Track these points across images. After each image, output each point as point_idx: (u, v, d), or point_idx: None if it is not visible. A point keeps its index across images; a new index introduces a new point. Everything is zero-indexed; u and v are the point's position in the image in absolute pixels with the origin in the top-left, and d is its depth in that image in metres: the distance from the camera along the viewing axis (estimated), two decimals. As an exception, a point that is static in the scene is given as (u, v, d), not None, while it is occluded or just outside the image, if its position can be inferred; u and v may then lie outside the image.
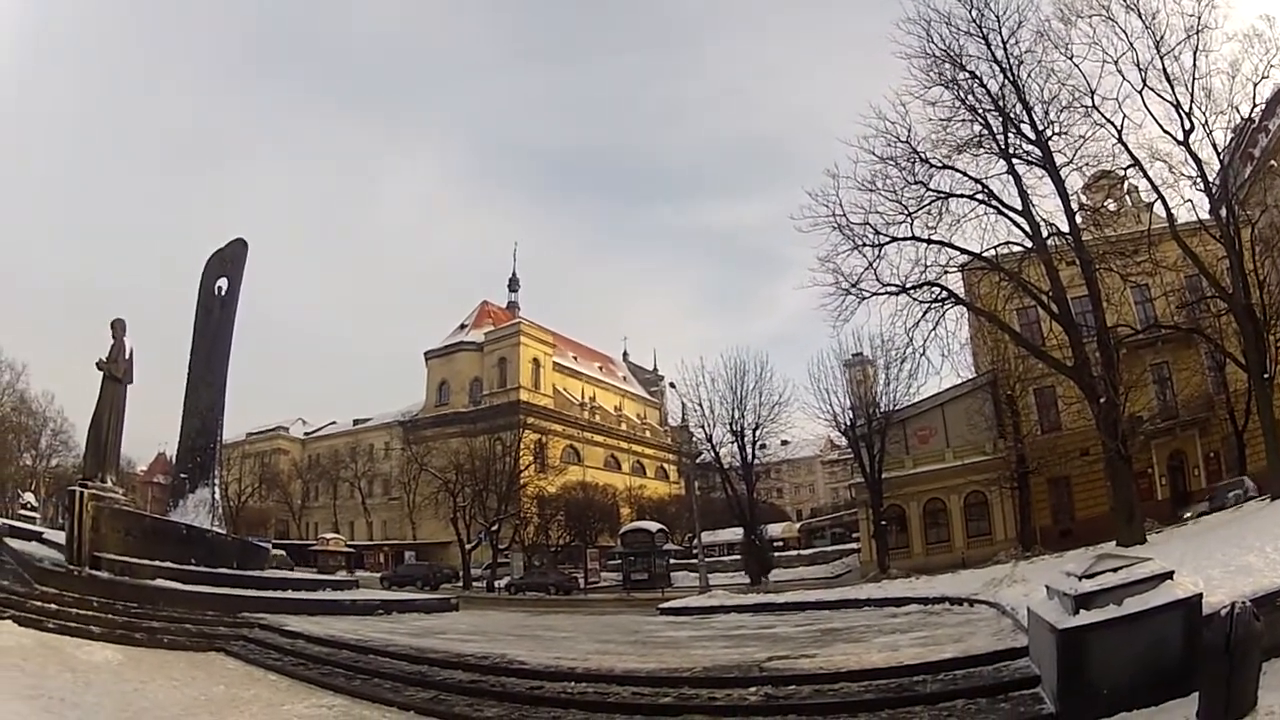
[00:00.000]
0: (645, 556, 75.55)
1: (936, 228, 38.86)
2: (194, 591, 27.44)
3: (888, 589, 34.19)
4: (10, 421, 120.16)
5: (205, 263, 40.92)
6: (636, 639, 23.00)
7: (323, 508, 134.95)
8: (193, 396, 39.19)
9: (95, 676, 16.55)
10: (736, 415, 70.48)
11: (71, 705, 13.54)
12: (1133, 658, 9.82)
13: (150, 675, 17.41)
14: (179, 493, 38.29)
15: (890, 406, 62.61)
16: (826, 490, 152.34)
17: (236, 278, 39.92)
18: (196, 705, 15.06)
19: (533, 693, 15.02)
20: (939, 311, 38.83)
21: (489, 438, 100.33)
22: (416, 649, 19.73)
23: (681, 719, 12.55)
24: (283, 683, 18.29)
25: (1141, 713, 9.39)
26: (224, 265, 40.29)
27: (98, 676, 16.60)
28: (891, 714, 11.52)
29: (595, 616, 39.49)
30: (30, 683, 14.68)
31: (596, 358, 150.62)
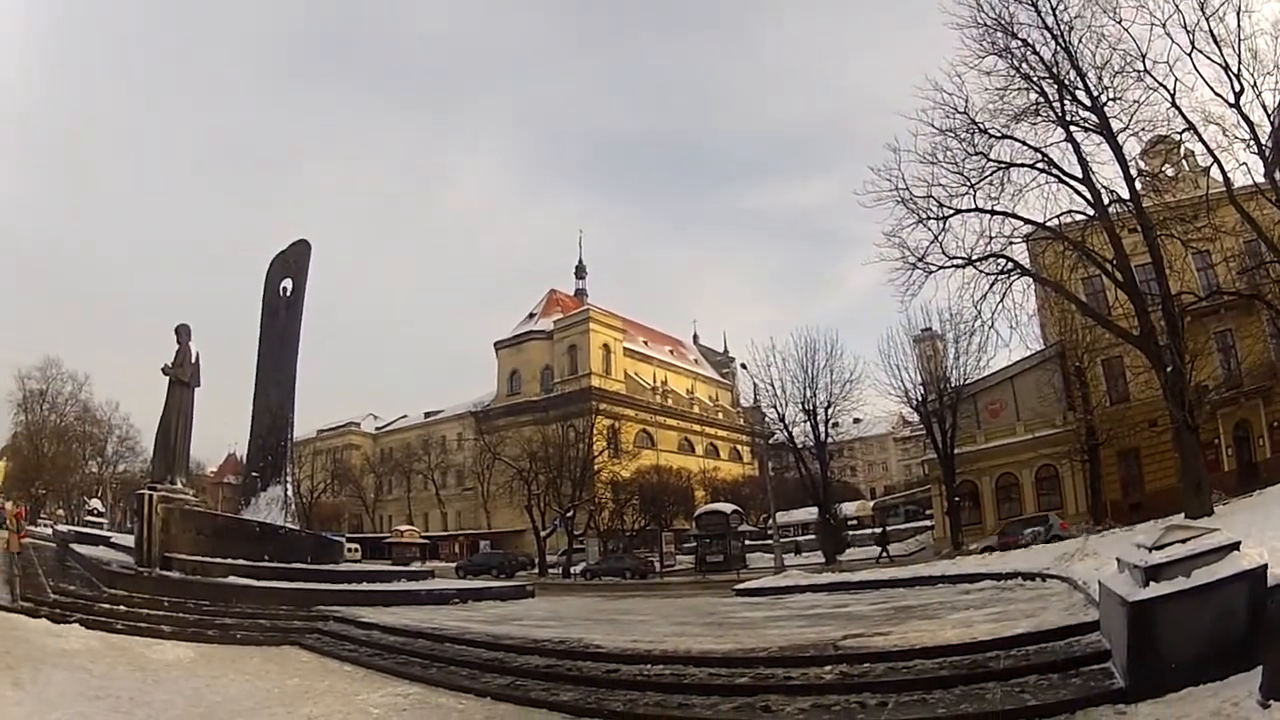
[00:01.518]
0: (720, 538, 74.67)
1: (999, 198, 38.36)
2: (267, 587, 27.58)
3: (961, 565, 33.62)
4: (74, 431, 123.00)
5: (269, 265, 41.32)
6: (712, 620, 22.79)
7: (396, 500, 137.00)
8: (262, 396, 39.61)
9: (165, 674, 16.57)
10: (808, 394, 69.62)
11: (140, 704, 13.51)
12: (1200, 631, 9.48)
13: (222, 671, 17.40)
14: (250, 491, 38.62)
15: (961, 381, 61.70)
16: (899, 467, 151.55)
17: (301, 278, 40.19)
18: (270, 698, 14.99)
19: (609, 676, 14.91)
20: (1005, 283, 38.33)
21: (561, 425, 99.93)
22: (492, 636, 19.68)
23: (757, 699, 12.28)
24: (358, 673, 18.28)
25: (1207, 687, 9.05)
26: (287, 266, 40.62)
27: (168, 674, 16.61)
28: (965, 690, 11.31)
29: (671, 599, 39.27)
30: (97, 684, 14.63)
31: (667, 341, 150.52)
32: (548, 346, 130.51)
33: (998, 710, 10.46)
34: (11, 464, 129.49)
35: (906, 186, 39.11)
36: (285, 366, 39.36)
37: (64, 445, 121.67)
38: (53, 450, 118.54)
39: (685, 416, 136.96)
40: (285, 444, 39.01)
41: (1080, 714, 9.82)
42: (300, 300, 40.02)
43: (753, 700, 12.25)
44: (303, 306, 40.04)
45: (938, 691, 11.41)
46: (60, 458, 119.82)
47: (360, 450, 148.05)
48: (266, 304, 40.73)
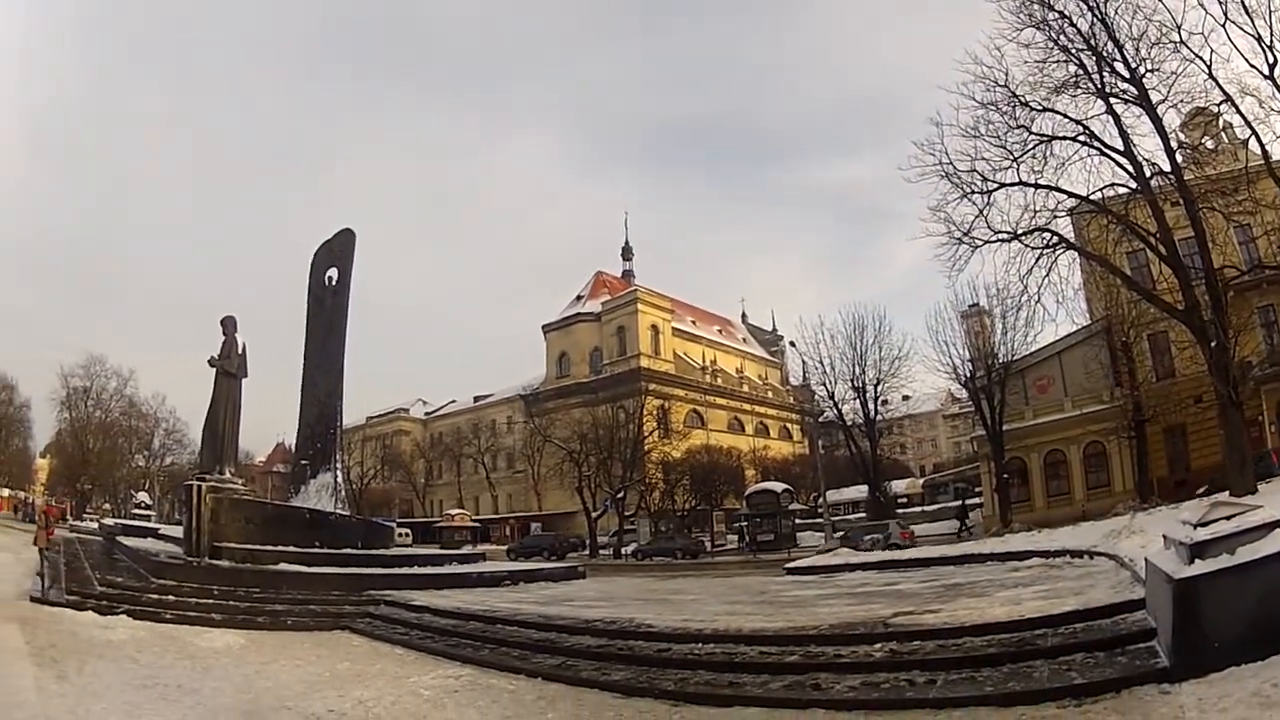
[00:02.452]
0: (771, 517, 74.17)
1: (1043, 172, 38.05)
2: (318, 573, 27.77)
3: (1010, 543, 33.83)
4: (120, 426, 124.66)
5: (314, 254, 41.66)
6: (763, 599, 22.89)
7: (447, 485, 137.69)
8: (310, 385, 39.90)
9: (215, 662, 16.67)
10: (857, 371, 69.45)
11: (189, 692, 13.56)
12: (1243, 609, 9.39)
13: (273, 657, 17.52)
14: (300, 479, 38.92)
15: (1009, 356, 60.60)
16: (949, 444, 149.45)
17: (346, 267, 40.30)
18: (321, 682, 15.06)
19: (660, 655, 14.94)
20: (1051, 257, 38.17)
21: (611, 406, 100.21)
22: (544, 617, 19.74)
23: (807, 677, 12.36)
24: (409, 656, 18.39)
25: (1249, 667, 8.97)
26: (333, 256, 40.85)
27: (218, 662, 16.72)
28: (1013, 668, 11.30)
29: (722, 579, 39.32)
30: (145, 673, 14.73)
31: (715, 321, 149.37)
32: (596, 328, 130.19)
33: (1045, 689, 10.41)
34: (56, 461, 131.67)
35: (950, 161, 38.96)
36: (333, 355, 39.49)
37: (109, 440, 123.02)
38: (98, 446, 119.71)
39: (735, 396, 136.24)
40: (334, 431, 39.20)
41: (1126, 693, 9.81)
42: (346, 289, 40.08)
43: (803, 678, 12.34)
44: (349, 295, 40.08)
45: (986, 670, 11.47)
46: (106, 453, 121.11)
47: (410, 436, 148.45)
48: (313, 293, 41.04)
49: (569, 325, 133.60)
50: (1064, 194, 38.25)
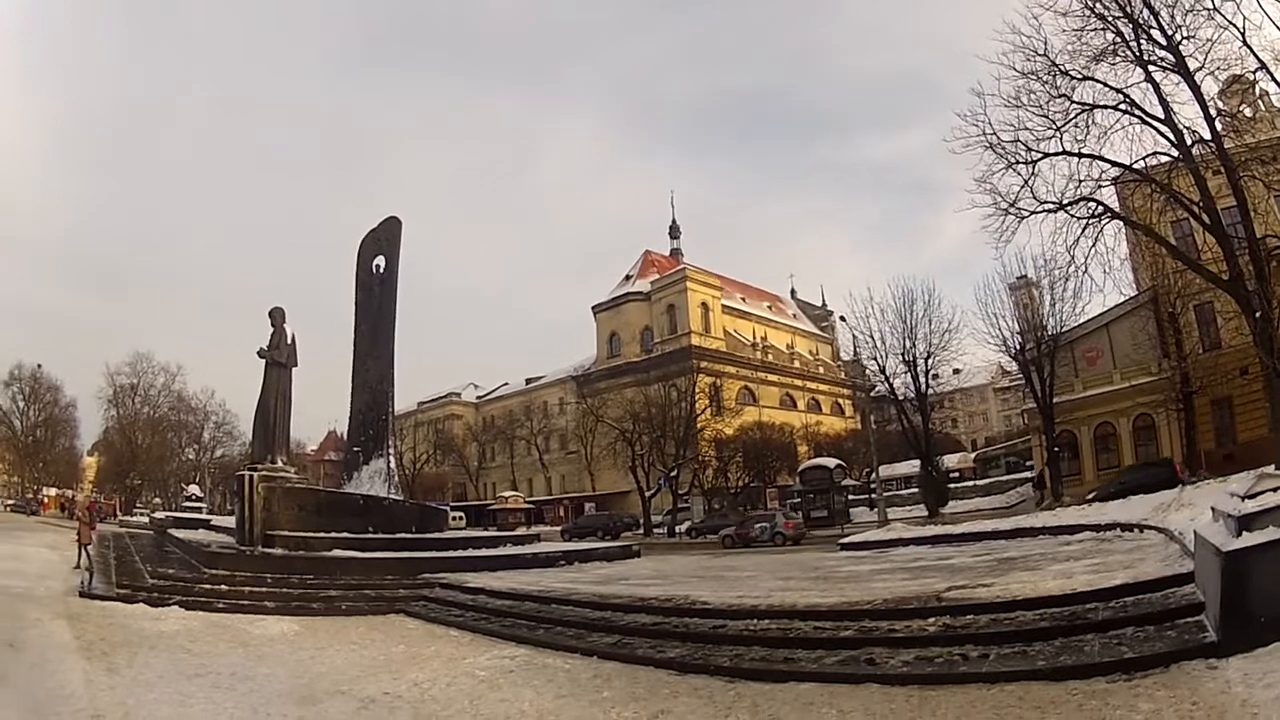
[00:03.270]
0: (824, 493, 74.39)
1: (1085, 141, 37.83)
2: (372, 558, 27.85)
3: (1061, 517, 33.66)
4: (169, 420, 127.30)
5: (360, 243, 41.73)
6: (817, 575, 22.73)
7: (500, 467, 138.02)
8: (361, 372, 40.01)
9: (269, 649, 16.75)
10: (908, 345, 68.78)
11: (242, 679, 13.60)
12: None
13: (327, 642, 17.60)
14: (353, 466, 39.07)
15: (1058, 328, 60.32)
16: (999, 418, 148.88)
17: (393, 254, 40.50)
18: (375, 665, 15.13)
19: (715, 631, 14.95)
20: (1097, 227, 37.96)
21: (663, 385, 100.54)
22: (599, 596, 19.75)
23: (861, 652, 12.34)
24: (464, 638, 18.39)
25: (1294, 642, 8.87)
26: (379, 244, 40.96)
27: (271, 649, 16.79)
28: (1064, 642, 11.33)
29: (776, 555, 39.17)
30: (198, 663, 14.80)
31: (765, 297, 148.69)
32: (646, 307, 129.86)
33: (1095, 663, 10.42)
34: (104, 458, 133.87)
35: (994, 131, 38.84)
36: (383, 342, 39.68)
37: (158, 435, 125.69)
38: (147, 441, 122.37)
39: (786, 372, 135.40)
40: (386, 417, 39.43)
41: (1174, 668, 9.79)
42: (394, 276, 40.30)
43: (857, 653, 12.34)
44: (397, 282, 40.31)
45: (1038, 643, 11.51)
46: (155, 448, 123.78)
47: (462, 420, 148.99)
48: (360, 282, 41.17)
49: (619, 305, 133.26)
50: (1107, 163, 38.00)
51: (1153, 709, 8.55)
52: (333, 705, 12.04)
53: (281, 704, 12.02)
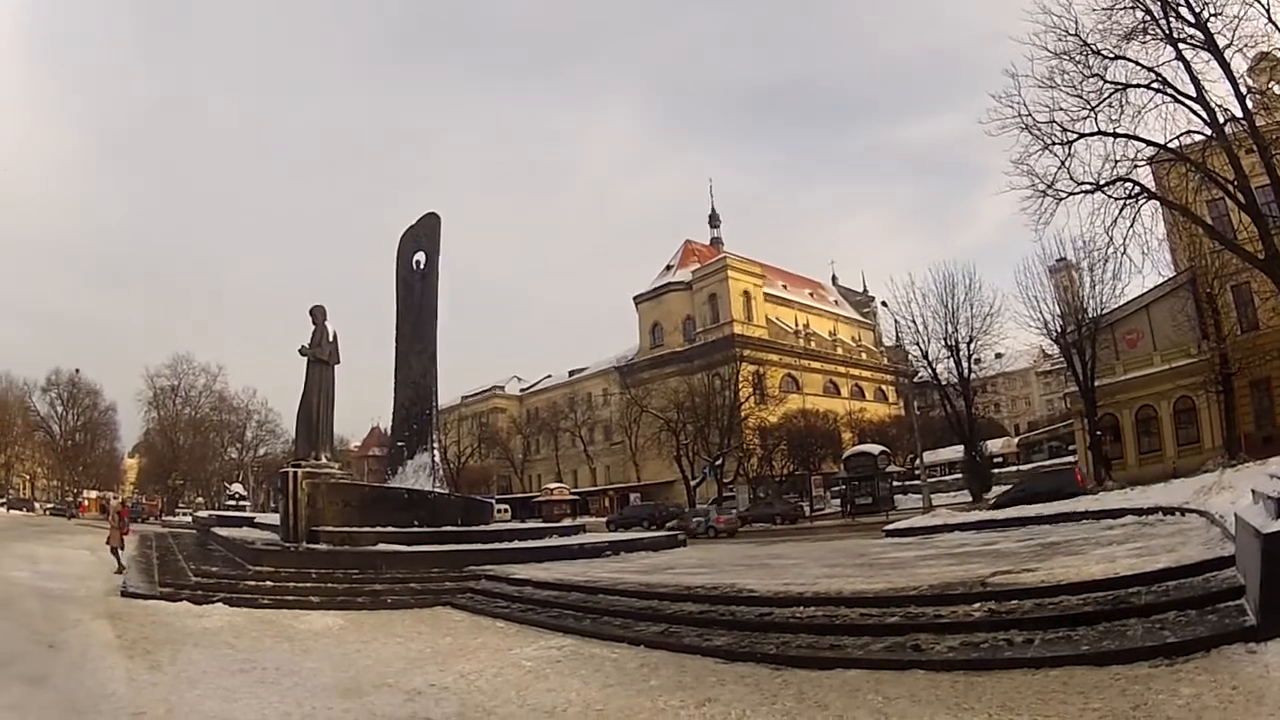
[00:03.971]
0: (868, 480, 73.91)
1: (1120, 120, 38.08)
2: (417, 551, 27.89)
3: (1104, 500, 33.37)
4: (211, 421, 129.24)
5: (399, 240, 41.85)
6: (863, 561, 22.64)
7: (544, 459, 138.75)
8: (403, 368, 40.10)
9: (314, 644, 16.79)
10: (949, 329, 68.64)
11: (287, 673, 13.62)
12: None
13: (373, 635, 17.67)
14: (397, 460, 39.26)
15: (1098, 311, 59.33)
16: (1042, 402, 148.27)
17: (433, 250, 40.59)
18: (422, 658, 15.15)
19: (761, 619, 14.91)
20: (1134, 208, 38.16)
21: (706, 374, 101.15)
22: (645, 585, 19.80)
23: (908, 638, 12.29)
24: (511, 629, 18.45)
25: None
26: (418, 240, 41.06)
27: (317, 643, 16.84)
28: (1108, 627, 11.30)
29: (822, 543, 39.12)
30: (242, 658, 14.82)
31: (806, 284, 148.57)
32: (687, 297, 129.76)
33: (1138, 648, 10.37)
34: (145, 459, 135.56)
35: (1029, 113, 39.10)
36: (425, 337, 39.83)
37: (200, 436, 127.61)
38: (189, 442, 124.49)
39: (829, 359, 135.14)
40: (430, 412, 39.51)
41: (1215, 652, 9.76)
42: (434, 272, 40.42)
43: (903, 639, 12.32)
44: (437, 278, 40.42)
45: (1082, 628, 11.50)
46: (197, 448, 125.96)
47: (506, 413, 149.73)
48: (401, 278, 41.27)
49: (660, 295, 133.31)
50: (1142, 142, 38.18)
51: (1193, 694, 8.49)
52: (378, 698, 12.04)
53: (327, 697, 12.01)
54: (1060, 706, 8.75)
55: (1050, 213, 39.63)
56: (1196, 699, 8.33)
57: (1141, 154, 38.60)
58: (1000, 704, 9.14)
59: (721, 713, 10.21)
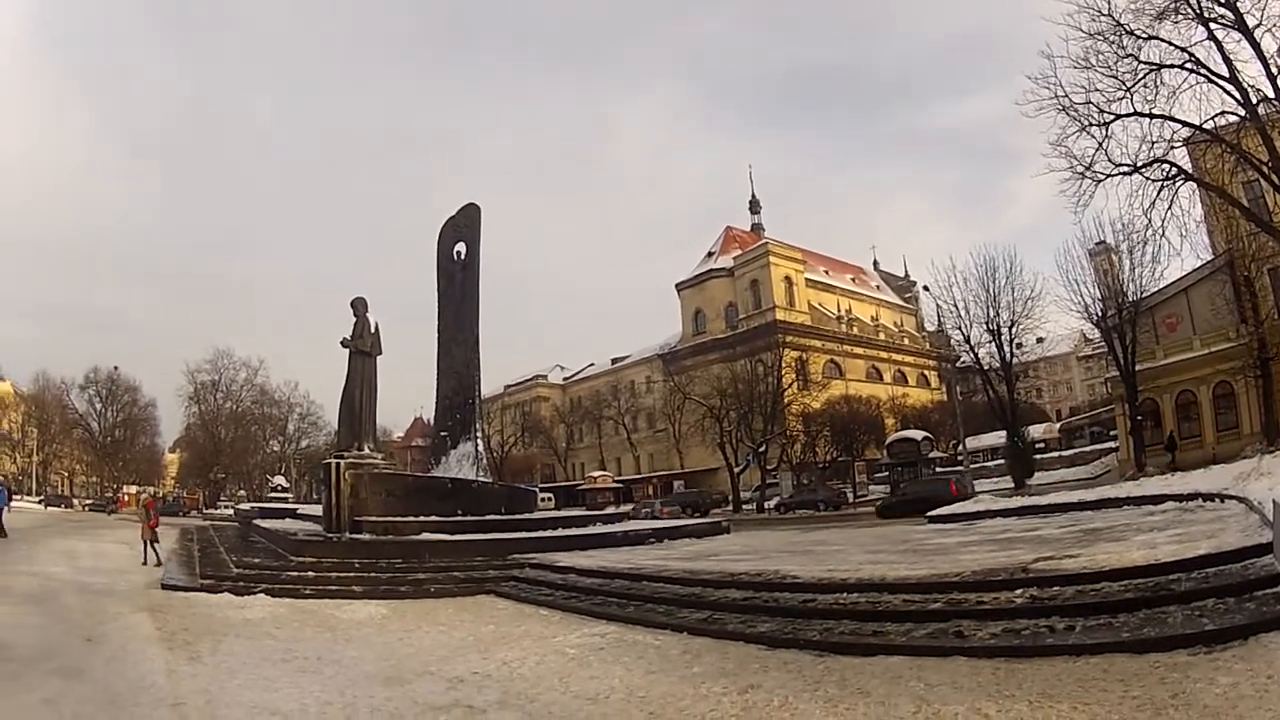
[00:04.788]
0: (911, 466, 73.63)
1: (1155, 101, 37.96)
2: (461, 540, 28.01)
3: (1145, 487, 33.27)
4: (252, 414, 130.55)
5: (439, 231, 42.10)
6: (906, 548, 22.62)
7: (588, 448, 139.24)
8: (446, 358, 40.48)
9: (356, 632, 16.86)
10: (991, 314, 67.55)
11: (329, 662, 13.68)
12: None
13: (415, 624, 17.70)
14: (440, 450, 39.67)
15: (1138, 294, 58.80)
16: (1083, 387, 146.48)
17: (474, 240, 40.73)
18: (464, 646, 15.16)
19: (805, 606, 14.89)
20: (1171, 189, 38.07)
21: (749, 360, 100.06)
22: (689, 572, 19.74)
23: (950, 624, 12.29)
24: (554, 616, 18.43)
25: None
26: (458, 231, 41.26)
27: (359, 632, 16.91)
28: (1148, 614, 11.25)
29: (865, 529, 39.02)
30: (284, 648, 14.89)
31: (847, 269, 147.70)
32: (729, 283, 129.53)
33: (1177, 635, 10.34)
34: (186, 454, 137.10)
35: (1065, 94, 39.08)
36: (467, 327, 40.02)
37: (242, 429, 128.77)
38: (230, 435, 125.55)
39: (871, 344, 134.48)
40: (473, 401, 39.70)
41: (1252, 640, 9.75)
42: (475, 262, 40.56)
43: (946, 626, 12.32)
44: (479, 268, 40.57)
45: (1123, 615, 11.51)
46: (238, 441, 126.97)
47: (549, 401, 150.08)
48: (442, 269, 41.56)
49: (702, 282, 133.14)
50: (1178, 123, 38.06)
51: (1230, 683, 8.43)
52: (421, 685, 12.03)
53: (368, 685, 12.04)
54: (1100, 694, 8.70)
55: (1089, 195, 39.59)
56: (1233, 688, 8.29)
57: (1177, 135, 38.51)
58: (1041, 691, 9.09)
59: (764, 699, 10.17)
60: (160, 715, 10.47)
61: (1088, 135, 38.76)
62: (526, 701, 10.95)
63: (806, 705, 9.75)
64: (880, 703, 9.50)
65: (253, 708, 10.82)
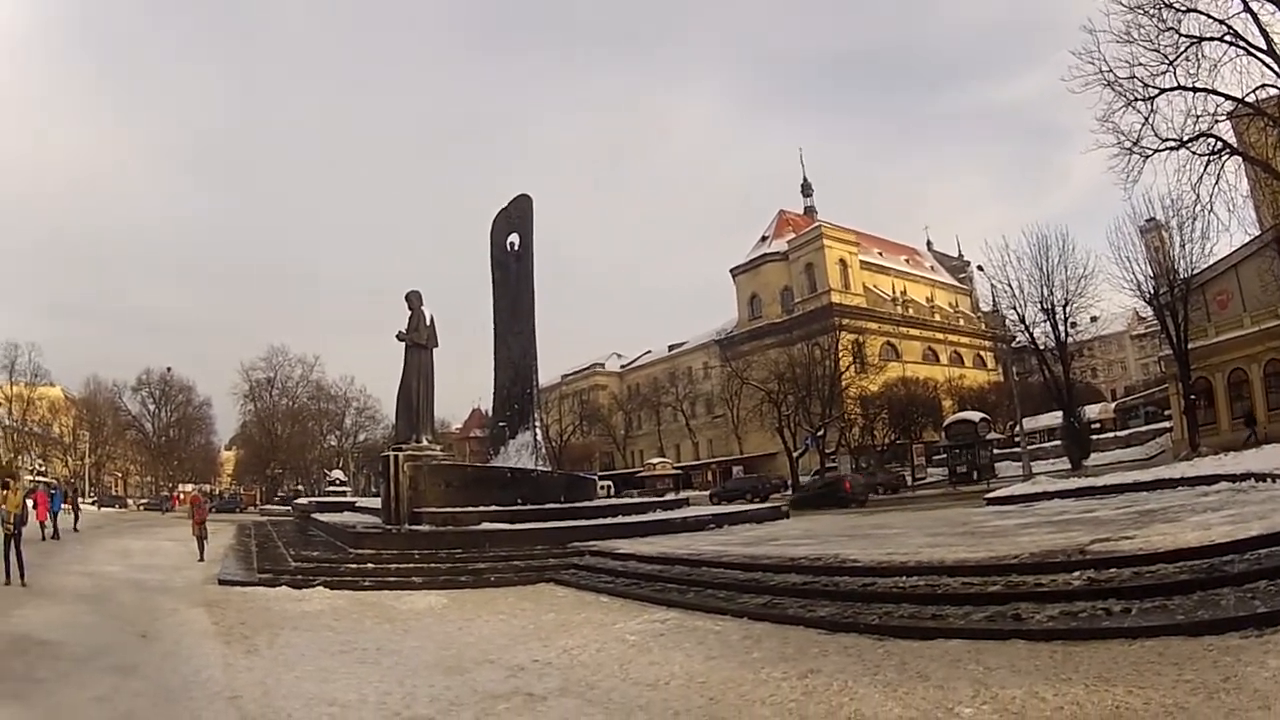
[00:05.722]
0: (969, 448, 73.81)
1: (1197, 74, 37.84)
2: (520, 529, 27.95)
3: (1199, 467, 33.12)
4: (309, 410, 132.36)
5: (492, 222, 42.33)
6: (965, 530, 22.58)
7: (646, 435, 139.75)
8: (503, 349, 40.79)
9: (416, 623, 16.86)
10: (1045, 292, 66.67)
11: (388, 653, 13.71)
12: None
13: (475, 613, 17.69)
14: (499, 440, 40.06)
15: (1189, 271, 58.10)
16: (1137, 366, 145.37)
17: (527, 231, 40.96)
18: (525, 634, 15.14)
19: (865, 589, 14.82)
20: (1218, 164, 38.07)
21: (806, 344, 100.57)
22: (749, 557, 19.65)
23: (1009, 607, 12.21)
24: (615, 603, 18.41)
25: None
26: (511, 222, 41.52)
27: (419, 622, 16.92)
28: (1202, 596, 11.14)
29: (924, 512, 38.83)
30: (342, 639, 14.96)
31: (901, 250, 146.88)
32: (784, 267, 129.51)
33: (1230, 618, 10.20)
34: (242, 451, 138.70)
35: (1110, 69, 39.08)
36: (523, 318, 40.37)
37: (298, 425, 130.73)
38: (287, 432, 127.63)
39: (927, 325, 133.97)
40: (531, 391, 40.17)
41: None
42: (529, 253, 40.81)
43: (1004, 609, 12.26)
44: (532, 258, 40.80)
45: (1177, 597, 11.41)
46: (295, 437, 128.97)
47: (607, 390, 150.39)
48: (496, 260, 41.87)
49: (757, 266, 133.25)
50: (1221, 97, 37.99)
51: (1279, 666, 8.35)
52: (481, 674, 12.04)
53: (428, 674, 12.06)
54: (1154, 678, 8.65)
55: (1138, 170, 39.57)
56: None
57: (1221, 109, 38.45)
58: (1097, 675, 9.02)
59: (824, 684, 10.10)
60: (216, 708, 10.50)
61: (1134, 110, 38.76)
62: (587, 689, 10.93)
63: (866, 690, 9.69)
64: (939, 686, 9.45)
65: (311, 699, 10.85)
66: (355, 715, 10.16)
